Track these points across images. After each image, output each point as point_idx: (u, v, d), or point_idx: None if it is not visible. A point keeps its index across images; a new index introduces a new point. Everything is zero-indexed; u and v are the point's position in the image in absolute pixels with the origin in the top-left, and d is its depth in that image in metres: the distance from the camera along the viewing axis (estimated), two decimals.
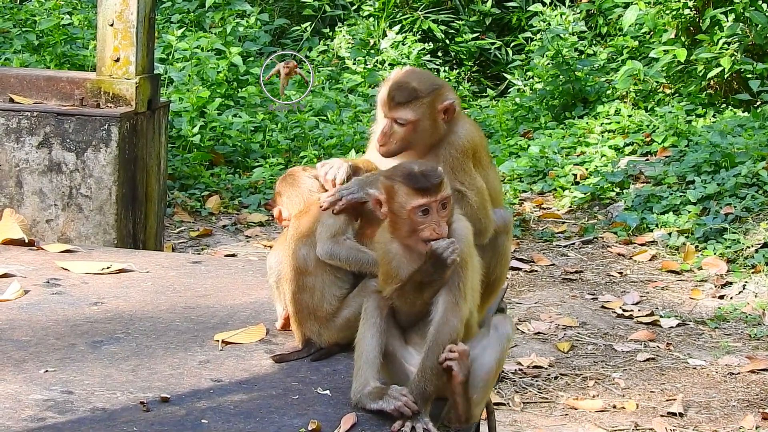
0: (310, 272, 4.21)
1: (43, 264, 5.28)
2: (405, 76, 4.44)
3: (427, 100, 4.37)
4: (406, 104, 4.36)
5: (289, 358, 4.15)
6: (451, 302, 3.77)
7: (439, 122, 4.37)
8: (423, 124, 4.36)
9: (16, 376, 3.89)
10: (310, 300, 4.18)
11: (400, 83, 4.40)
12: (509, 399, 6.64)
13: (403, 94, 4.36)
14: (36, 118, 6.48)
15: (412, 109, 4.35)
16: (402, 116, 4.36)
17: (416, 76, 4.45)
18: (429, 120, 4.37)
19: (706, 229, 9.05)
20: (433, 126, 4.37)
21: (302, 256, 4.25)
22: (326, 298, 4.19)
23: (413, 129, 4.37)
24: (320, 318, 4.12)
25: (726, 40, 12.12)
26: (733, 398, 6.65)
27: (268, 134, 11.36)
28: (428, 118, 4.37)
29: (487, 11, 14.96)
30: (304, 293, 4.19)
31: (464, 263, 3.81)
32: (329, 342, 4.20)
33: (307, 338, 4.23)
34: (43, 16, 13.04)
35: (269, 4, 15.11)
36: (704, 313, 7.93)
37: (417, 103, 4.36)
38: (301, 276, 4.21)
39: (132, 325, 4.47)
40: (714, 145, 10.09)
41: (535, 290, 8.35)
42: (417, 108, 4.36)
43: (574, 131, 11.83)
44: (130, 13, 6.69)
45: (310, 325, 4.18)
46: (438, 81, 4.48)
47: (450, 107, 4.38)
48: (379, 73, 13.36)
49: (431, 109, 4.37)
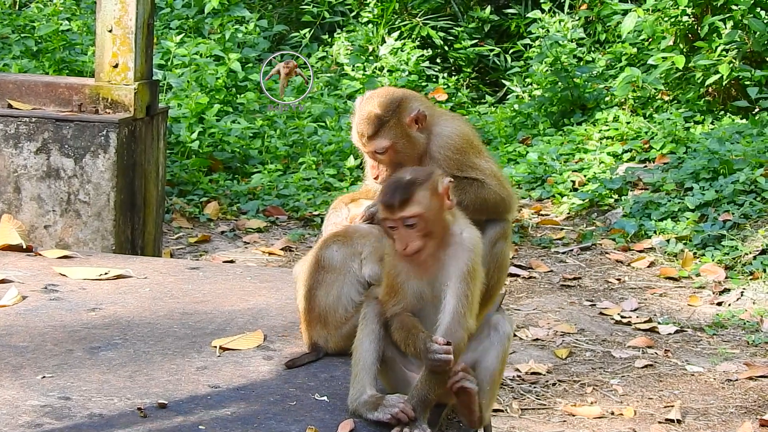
0: (333, 270, 4.21)
1: (41, 270, 5.28)
2: (366, 105, 4.50)
3: (393, 121, 4.45)
4: (376, 134, 4.45)
5: (300, 363, 4.14)
6: (459, 313, 3.76)
7: (415, 134, 4.45)
8: (400, 144, 4.45)
9: (13, 382, 3.89)
10: (325, 299, 4.17)
11: (363, 116, 4.48)
12: (507, 405, 6.64)
13: (370, 126, 4.45)
14: (34, 123, 6.48)
15: (383, 136, 4.44)
16: (377, 147, 4.45)
17: (376, 101, 4.50)
18: (403, 138, 4.45)
19: (704, 235, 9.05)
20: (410, 140, 4.45)
21: (330, 253, 4.25)
22: (342, 302, 4.19)
23: (394, 152, 4.46)
24: (330, 324, 4.10)
25: (724, 47, 12.13)
26: (731, 405, 6.65)
27: (267, 140, 11.36)
28: (402, 137, 4.45)
29: (485, 18, 14.97)
30: (320, 289, 4.18)
31: (473, 273, 3.80)
32: (335, 349, 4.19)
33: (314, 342, 4.23)
34: (41, 21, 13.04)
35: (268, 11, 15.13)
36: (702, 320, 7.93)
37: (385, 128, 4.44)
38: (322, 271, 4.21)
39: (130, 331, 4.47)
40: (712, 151, 10.09)
41: (533, 297, 8.35)
42: (387, 133, 4.43)
43: (573, 138, 11.84)
44: (128, 19, 6.70)
45: (320, 329, 4.17)
46: (397, 96, 4.54)
47: (418, 116, 4.45)
48: (378, 80, 13.37)
49: (401, 127, 4.45)
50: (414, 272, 3.83)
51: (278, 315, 4.71)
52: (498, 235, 4.46)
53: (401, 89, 4.71)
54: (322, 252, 4.27)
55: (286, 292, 4.99)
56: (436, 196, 3.85)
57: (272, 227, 9.74)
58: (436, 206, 3.83)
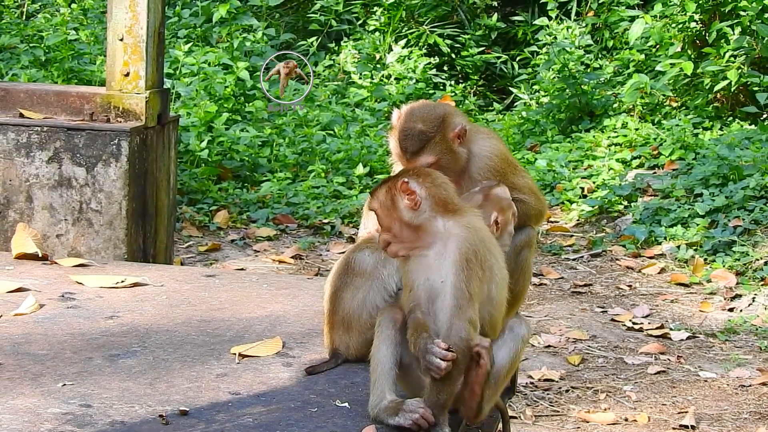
0: (362, 274, 4.20)
1: (57, 278, 5.28)
2: (408, 120, 4.45)
3: (438, 137, 4.42)
4: (421, 150, 4.41)
5: (319, 370, 4.14)
6: (454, 306, 3.74)
7: (457, 149, 4.43)
8: (444, 159, 4.41)
9: (33, 389, 3.89)
10: (350, 302, 4.16)
11: (406, 131, 4.43)
12: (521, 412, 6.63)
13: (415, 143, 4.41)
14: (46, 132, 6.49)
15: (428, 152, 4.40)
16: (422, 163, 4.39)
17: (419, 115, 4.46)
18: (448, 153, 4.42)
19: (714, 241, 9.05)
20: (453, 156, 4.42)
21: (362, 257, 4.23)
22: (367, 307, 4.17)
23: (438, 167, 4.40)
24: (353, 328, 4.09)
25: (732, 53, 12.14)
26: (745, 410, 6.64)
27: (276, 149, 11.37)
28: (447, 152, 4.42)
29: (492, 25, 14.98)
30: (347, 291, 4.17)
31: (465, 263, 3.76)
32: (356, 356, 4.19)
33: (335, 348, 4.23)
34: (50, 31, 13.05)
35: (275, 19, 15.15)
36: (714, 326, 7.92)
37: (430, 144, 4.40)
38: (351, 274, 4.19)
39: (148, 339, 4.47)
40: (722, 157, 10.09)
41: (544, 303, 8.35)
42: (432, 149, 4.40)
43: (581, 145, 11.84)
44: (140, 27, 6.71)
45: (342, 333, 4.16)
46: (440, 110, 4.50)
47: (461, 131, 4.42)
48: (386, 88, 13.38)
49: (445, 143, 4.42)
50: (421, 268, 3.82)
51: (296, 322, 4.71)
52: (523, 243, 4.48)
53: (440, 103, 4.69)
54: (354, 254, 4.26)
55: (303, 299, 5.00)
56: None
57: (282, 235, 9.74)
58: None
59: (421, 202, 3.82)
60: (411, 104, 4.57)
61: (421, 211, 3.82)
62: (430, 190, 3.86)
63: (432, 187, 3.87)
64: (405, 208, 3.82)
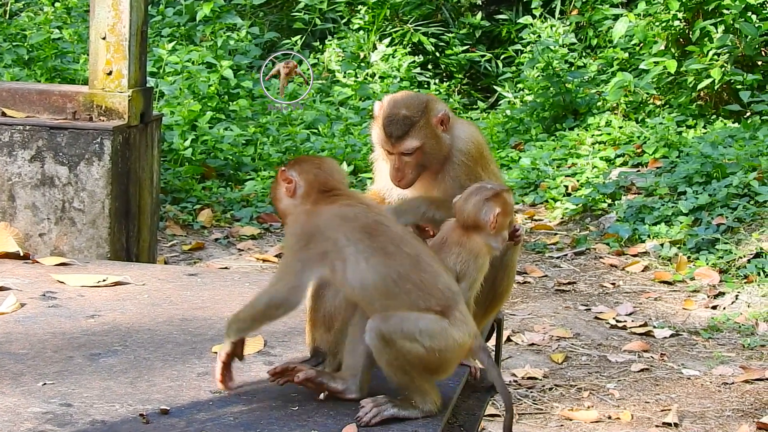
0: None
1: (38, 277, 5.26)
2: (392, 107, 4.49)
3: (422, 122, 4.45)
4: (406, 135, 4.44)
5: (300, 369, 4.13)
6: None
7: (441, 135, 4.45)
8: (428, 145, 4.44)
9: (14, 389, 3.87)
10: (332, 300, 4.14)
11: (390, 117, 4.45)
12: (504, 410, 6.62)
13: (399, 127, 4.44)
14: (28, 131, 6.47)
15: (412, 137, 4.43)
16: (407, 147, 4.43)
17: (402, 102, 4.49)
18: (432, 139, 4.44)
19: (698, 239, 9.07)
20: (437, 142, 4.45)
21: None
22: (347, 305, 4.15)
23: (422, 153, 4.46)
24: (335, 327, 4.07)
25: (716, 52, 12.17)
26: (728, 408, 6.66)
27: (260, 147, 11.37)
28: (431, 137, 4.44)
29: (477, 24, 14.99)
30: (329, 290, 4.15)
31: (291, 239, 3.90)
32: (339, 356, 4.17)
33: (317, 346, 4.22)
34: (33, 30, 13.03)
35: (259, 18, 15.14)
36: (697, 324, 7.94)
37: (415, 129, 4.43)
38: None
39: (129, 338, 4.46)
40: (705, 155, 10.12)
41: (528, 302, 8.36)
42: (417, 133, 4.43)
43: (565, 143, 11.86)
44: (122, 26, 6.69)
45: (323, 332, 4.14)
46: (422, 97, 4.55)
47: (444, 117, 4.45)
48: (370, 86, 13.38)
49: (429, 128, 4.45)
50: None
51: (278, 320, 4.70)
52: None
53: (422, 93, 4.73)
54: None
55: None
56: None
57: (266, 234, 9.73)
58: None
59: (297, 189, 3.91)
60: (392, 94, 4.60)
61: (295, 198, 3.93)
62: (307, 177, 3.92)
63: (309, 174, 3.93)
64: (283, 195, 3.94)
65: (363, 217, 3.88)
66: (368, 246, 3.82)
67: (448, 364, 3.86)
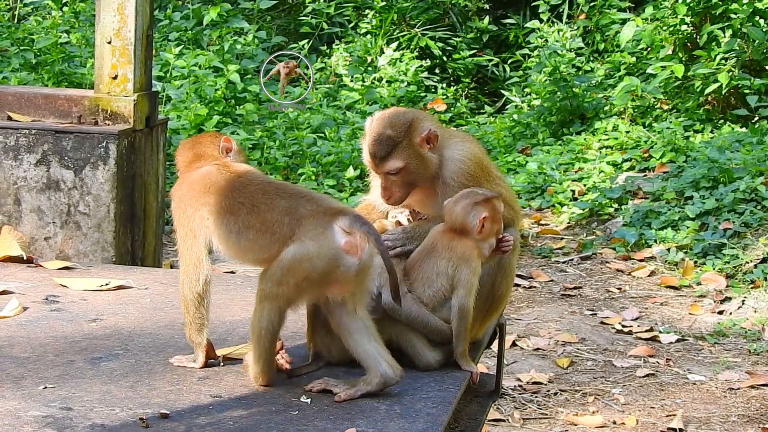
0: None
1: (41, 281, 5.27)
2: (377, 126, 4.51)
3: (405, 142, 4.46)
4: (389, 155, 4.47)
5: (300, 372, 4.13)
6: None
7: (427, 154, 4.47)
8: (413, 164, 4.46)
9: (14, 392, 3.88)
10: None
11: (374, 137, 4.49)
12: (509, 415, 6.63)
13: (382, 147, 4.46)
14: (34, 135, 6.47)
15: (395, 157, 4.45)
16: (390, 168, 4.47)
17: (387, 121, 4.51)
18: (416, 158, 4.46)
19: (704, 244, 9.05)
20: (423, 161, 4.47)
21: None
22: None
23: (407, 173, 4.48)
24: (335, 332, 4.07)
25: (723, 56, 12.15)
26: (734, 413, 6.64)
27: (266, 151, 11.37)
28: (414, 157, 4.46)
29: (484, 28, 14.99)
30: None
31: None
32: (338, 359, 4.17)
33: (317, 351, 4.22)
34: (40, 34, 13.05)
35: (267, 22, 15.14)
36: (704, 329, 7.92)
37: (398, 149, 4.45)
38: None
39: (131, 342, 4.46)
40: (712, 160, 10.10)
41: (534, 306, 8.34)
42: (400, 154, 4.45)
43: (572, 147, 11.85)
44: (128, 30, 6.69)
45: (323, 337, 4.14)
46: (409, 116, 4.54)
47: (429, 135, 4.46)
48: (377, 90, 13.38)
49: (413, 148, 4.47)
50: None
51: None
52: None
53: (411, 109, 4.73)
54: None
55: None
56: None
57: None
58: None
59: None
60: (382, 111, 4.61)
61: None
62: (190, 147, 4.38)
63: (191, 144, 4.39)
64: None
65: (216, 178, 4.09)
66: (219, 210, 4.00)
67: (330, 275, 3.86)
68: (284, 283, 3.84)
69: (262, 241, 3.92)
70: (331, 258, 3.82)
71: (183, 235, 4.12)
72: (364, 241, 3.84)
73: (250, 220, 3.94)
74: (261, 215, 3.93)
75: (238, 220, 3.97)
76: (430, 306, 4.24)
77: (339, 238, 3.83)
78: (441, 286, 4.24)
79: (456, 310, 4.22)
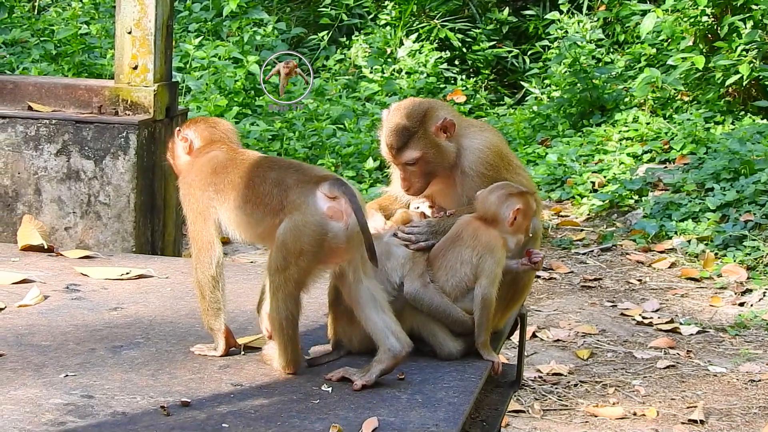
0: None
1: (62, 270, 5.28)
2: (393, 117, 4.51)
3: (421, 131, 4.46)
4: (405, 146, 4.46)
5: (322, 362, 4.12)
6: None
7: (444, 143, 4.46)
8: (430, 154, 4.45)
9: (36, 380, 3.88)
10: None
11: (391, 128, 4.49)
12: (529, 406, 6.61)
13: (399, 138, 4.46)
14: (54, 126, 6.48)
15: (412, 147, 4.45)
16: (407, 158, 4.47)
17: (403, 112, 4.50)
18: (433, 148, 4.45)
19: (725, 236, 9.01)
20: (439, 150, 4.46)
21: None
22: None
23: (425, 162, 4.47)
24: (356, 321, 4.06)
25: (744, 47, 12.09)
26: (755, 405, 6.62)
27: (286, 142, 11.37)
28: (431, 147, 4.45)
29: (504, 20, 14.95)
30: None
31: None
32: (359, 348, 4.17)
33: (338, 340, 4.21)
34: (60, 25, 13.08)
35: (286, 14, 15.14)
36: (724, 321, 7.90)
37: (413, 139, 4.45)
38: None
39: (152, 330, 4.46)
40: (733, 152, 10.06)
41: (554, 298, 8.32)
42: (416, 144, 4.44)
43: (592, 139, 11.82)
44: (148, 20, 6.69)
45: (345, 324, 4.13)
46: (424, 105, 4.54)
47: (445, 124, 4.44)
48: (396, 82, 13.36)
49: (429, 137, 4.46)
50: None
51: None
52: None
53: (427, 99, 4.72)
54: None
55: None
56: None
57: None
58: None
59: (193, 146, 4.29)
60: (399, 102, 4.60)
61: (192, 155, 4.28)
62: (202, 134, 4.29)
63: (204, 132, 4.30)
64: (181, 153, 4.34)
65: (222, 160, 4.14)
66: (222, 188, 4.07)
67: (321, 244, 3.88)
68: (286, 266, 3.88)
69: (257, 214, 4.00)
70: (318, 225, 3.86)
71: (192, 219, 4.18)
72: (348, 206, 3.86)
73: (247, 194, 4.01)
74: (255, 188, 4.00)
75: (237, 195, 4.04)
76: (453, 296, 4.23)
77: (321, 204, 3.87)
78: (464, 275, 4.23)
79: (479, 300, 4.20)
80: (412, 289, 4.18)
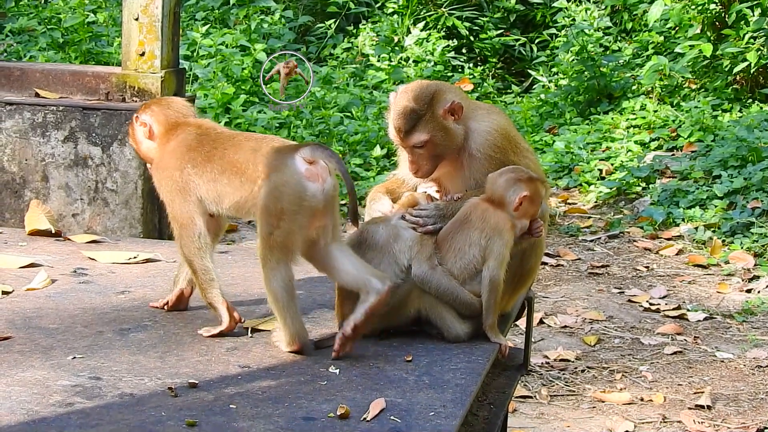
0: (374, 248, 4.20)
1: (70, 254, 5.29)
2: (401, 100, 4.51)
3: (428, 114, 4.46)
4: (413, 129, 4.46)
5: (329, 344, 4.12)
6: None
7: (452, 125, 4.45)
8: (438, 137, 4.44)
9: (44, 362, 3.89)
10: None
11: (398, 111, 4.48)
12: (536, 392, 6.62)
13: (407, 121, 4.46)
14: (62, 112, 6.48)
15: (420, 130, 4.44)
16: (415, 141, 4.46)
17: (410, 95, 4.50)
18: (441, 130, 4.45)
19: (732, 223, 9.01)
20: (447, 133, 4.45)
21: (375, 232, 4.25)
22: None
23: (433, 145, 4.46)
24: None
25: (752, 35, 12.06)
26: (762, 391, 6.61)
27: (293, 130, 11.37)
28: (439, 129, 4.45)
29: (511, 8, 14.93)
30: None
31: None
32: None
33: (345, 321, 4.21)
34: (67, 13, 13.07)
35: (294, 2, 15.12)
36: (731, 307, 7.89)
37: (422, 122, 4.44)
38: (363, 248, 4.19)
39: (159, 313, 4.47)
40: (740, 139, 10.04)
41: (561, 284, 8.32)
42: (424, 126, 4.44)
43: (600, 127, 11.81)
44: (155, 7, 6.69)
45: (352, 307, 4.13)
46: (431, 88, 4.53)
47: (453, 107, 4.44)
48: (404, 70, 13.35)
49: (437, 120, 4.45)
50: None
51: (307, 297, 4.71)
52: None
53: (435, 82, 4.71)
54: (368, 227, 4.28)
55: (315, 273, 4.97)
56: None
57: None
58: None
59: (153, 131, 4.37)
60: (406, 85, 4.60)
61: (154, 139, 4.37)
62: (158, 118, 4.36)
63: (160, 115, 4.37)
64: (143, 138, 4.40)
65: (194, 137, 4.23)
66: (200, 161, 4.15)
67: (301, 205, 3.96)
68: (270, 231, 3.95)
69: (236, 183, 4.08)
70: (296, 185, 3.94)
71: (171, 199, 4.26)
72: (325, 170, 3.96)
73: (223, 164, 4.11)
74: (231, 157, 4.09)
75: (215, 166, 4.12)
76: (461, 278, 4.24)
77: (300, 166, 3.96)
78: (473, 257, 4.23)
79: (487, 282, 4.21)
80: (420, 271, 4.18)
